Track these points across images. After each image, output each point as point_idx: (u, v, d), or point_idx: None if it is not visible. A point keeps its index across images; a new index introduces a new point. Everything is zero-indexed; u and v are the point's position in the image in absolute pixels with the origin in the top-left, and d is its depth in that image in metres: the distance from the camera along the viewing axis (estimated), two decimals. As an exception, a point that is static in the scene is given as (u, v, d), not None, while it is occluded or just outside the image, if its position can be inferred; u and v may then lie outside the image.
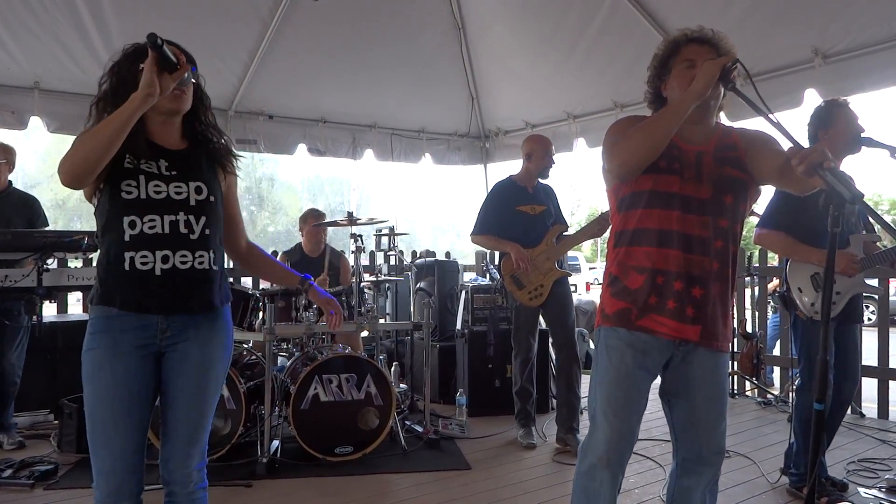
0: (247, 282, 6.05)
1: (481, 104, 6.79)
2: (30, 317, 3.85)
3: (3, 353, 3.87)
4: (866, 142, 2.91)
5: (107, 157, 1.65)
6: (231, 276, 5.49)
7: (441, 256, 6.63)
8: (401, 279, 5.82)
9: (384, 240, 5.59)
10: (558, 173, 4.21)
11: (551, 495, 3.26)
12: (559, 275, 4.07)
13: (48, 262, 3.67)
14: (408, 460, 3.78)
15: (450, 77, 6.38)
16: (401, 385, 4.71)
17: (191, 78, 1.79)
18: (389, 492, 3.36)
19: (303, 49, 5.55)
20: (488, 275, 5.36)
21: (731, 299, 2.03)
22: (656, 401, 2.08)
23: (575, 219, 33.11)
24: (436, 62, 6.19)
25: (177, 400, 1.86)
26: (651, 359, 1.98)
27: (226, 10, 5.13)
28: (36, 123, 4.86)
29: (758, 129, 2.00)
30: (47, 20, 4.51)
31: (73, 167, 1.64)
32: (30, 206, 4.12)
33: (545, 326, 4.41)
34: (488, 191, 4.46)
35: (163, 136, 1.85)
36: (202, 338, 1.86)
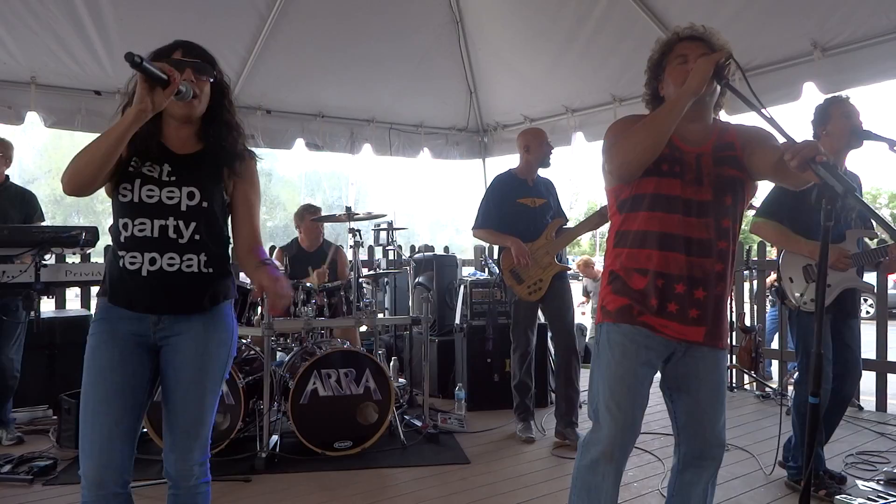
0: (245, 277, 6.04)
1: (480, 98, 6.77)
2: (28, 312, 3.84)
3: (1, 348, 3.86)
4: (865, 135, 2.92)
5: (104, 168, 1.72)
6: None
7: (439, 251, 6.64)
8: (399, 273, 5.82)
9: (382, 234, 5.57)
10: (556, 167, 4.21)
11: (550, 489, 3.27)
12: (558, 269, 4.07)
13: (46, 257, 3.66)
14: (407, 455, 3.78)
15: (448, 71, 6.37)
16: (399, 380, 4.71)
17: (190, 90, 1.78)
18: (389, 486, 3.36)
19: (300, 43, 5.54)
20: (487, 269, 5.35)
21: (728, 296, 2.04)
22: (655, 395, 2.08)
23: (573, 213, 33.03)
24: (434, 56, 6.17)
25: (174, 393, 1.89)
26: (653, 354, 1.99)
27: (223, 4, 5.12)
28: (33, 118, 4.85)
29: (755, 125, 2.00)
30: (44, 15, 4.50)
31: (72, 178, 1.72)
32: (27, 201, 4.10)
33: (544, 321, 4.42)
34: (488, 184, 4.45)
35: (175, 140, 1.90)
36: (195, 333, 1.88)
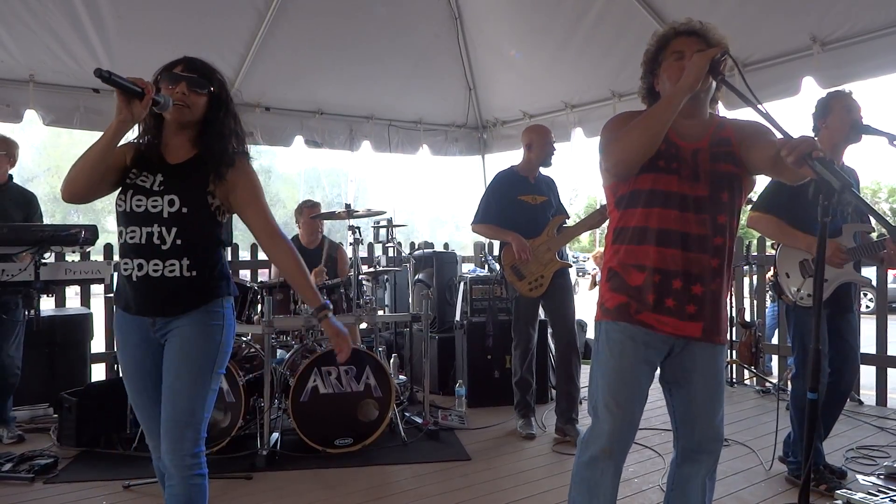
0: (245, 274, 6.04)
1: (479, 95, 6.76)
2: (27, 311, 3.84)
3: (1, 346, 3.86)
4: (865, 130, 2.91)
5: (95, 176, 1.88)
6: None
7: (439, 248, 6.64)
8: (399, 270, 5.82)
9: (382, 231, 5.58)
10: (556, 163, 4.20)
11: (551, 485, 3.27)
12: (559, 265, 4.07)
13: (45, 255, 3.67)
14: (407, 452, 3.78)
15: (447, 68, 6.35)
16: (400, 377, 4.72)
17: (168, 101, 1.88)
18: (389, 483, 3.37)
19: (299, 40, 5.52)
20: (486, 266, 5.35)
21: (726, 292, 2.04)
22: (656, 390, 2.09)
23: (573, 209, 32.99)
24: (433, 53, 6.16)
25: (164, 385, 1.99)
26: (652, 351, 1.99)
27: (221, 2, 5.11)
28: (31, 117, 4.83)
29: (752, 120, 1.99)
30: (42, 13, 4.48)
31: (67, 186, 1.90)
32: (28, 202, 4.10)
33: (545, 317, 4.42)
34: (488, 181, 4.44)
35: (172, 148, 2.02)
36: (184, 329, 1.99)
